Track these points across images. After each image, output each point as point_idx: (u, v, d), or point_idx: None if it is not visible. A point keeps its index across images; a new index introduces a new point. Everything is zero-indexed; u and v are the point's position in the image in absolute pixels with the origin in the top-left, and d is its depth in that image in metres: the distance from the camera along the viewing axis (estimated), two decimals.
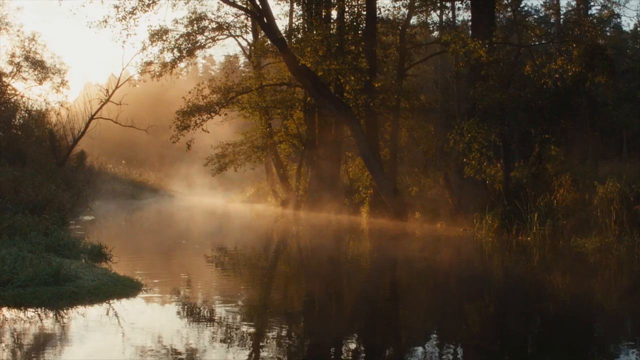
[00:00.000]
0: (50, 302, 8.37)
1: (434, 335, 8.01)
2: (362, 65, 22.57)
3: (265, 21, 23.49)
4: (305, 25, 24.75)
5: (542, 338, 7.84)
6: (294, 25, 24.07)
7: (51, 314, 8.06)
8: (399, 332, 8.22)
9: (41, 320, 7.80)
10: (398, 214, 23.32)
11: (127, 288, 9.29)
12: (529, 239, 17.25)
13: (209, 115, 26.43)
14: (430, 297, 10.50)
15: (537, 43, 22.60)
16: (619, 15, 44.29)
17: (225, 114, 27.61)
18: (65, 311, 8.20)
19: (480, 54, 18.27)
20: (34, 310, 8.12)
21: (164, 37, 29.79)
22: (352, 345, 7.40)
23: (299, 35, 23.62)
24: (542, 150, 20.11)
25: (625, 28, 50.20)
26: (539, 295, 10.61)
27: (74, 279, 9.35)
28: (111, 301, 8.72)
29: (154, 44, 28.99)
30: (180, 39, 30.06)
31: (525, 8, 43.82)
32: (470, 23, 22.72)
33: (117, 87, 38.05)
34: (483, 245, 17.19)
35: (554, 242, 16.36)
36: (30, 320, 7.74)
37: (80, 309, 8.33)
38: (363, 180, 25.63)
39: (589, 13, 36.52)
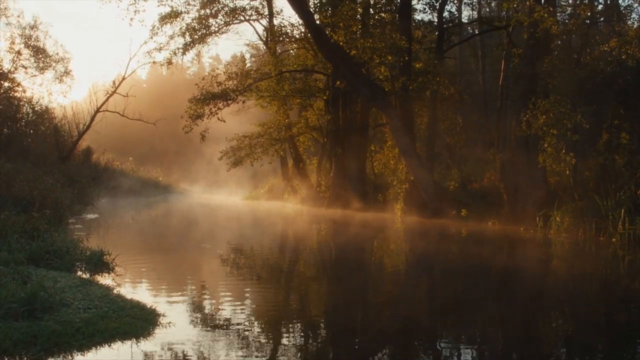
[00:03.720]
0: (15, 351, 5.07)
1: None
2: (401, 43, 19.15)
3: None
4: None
5: None
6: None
7: None
8: None
9: None
10: (439, 211, 20.00)
11: (137, 321, 5.97)
12: (613, 240, 13.95)
13: (225, 103, 23.10)
14: (560, 325, 7.18)
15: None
16: None
17: (244, 102, 24.24)
18: None
19: (550, 24, 14.91)
20: None
21: (175, 21, 26.41)
22: None
23: (329, 12, 20.17)
24: (612, 138, 16.82)
25: None
26: None
27: (59, 308, 6.05)
28: (113, 347, 5.41)
29: (165, 26, 25.57)
30: (193, 22, 26.68)
31: None
32: None
33: (124, 79, 34.81)
34: (560, 248, 13.84)
35: None
36: None
37: None
38: (397, 174, 22.26)
39: None
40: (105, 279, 8.63)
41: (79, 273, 9.05)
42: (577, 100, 14.15)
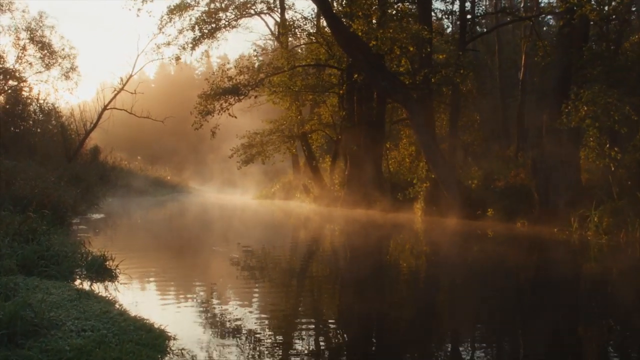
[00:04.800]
0: None
1: None
2: (423, 33, 17.89)
3: None
4: None
5: None
6: None
7: None
8: None
9: None
10: (462, 211, 18.74)
11: (142, 349, 4.79)
12: None
13: (236, 98, 21.93)
14: None
15: None
16: None
17: (256, 97, 23.06)
18: None
19: (589, 9, 13.63)
20: None
21: (184, 14, 25.28)
22: None
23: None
24: None
25: None
26: None
27: (47, 331, 4.89)
28: None
29: (174, 19, 24.43)
30: (202, 15, 25.54)
31: None
32: None
33: (131, 75, 33.75)
34: (601, 251, 12.58)
35: None
36: None
37: None
38: (418, 172, 21.02)
39: None
40: (106, 290, 7.48)
41: (78, 281, 7.91)
42: (621, 90, 12.86)
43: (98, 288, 7.53)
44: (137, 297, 7.26)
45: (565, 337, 6.30)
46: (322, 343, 5.70)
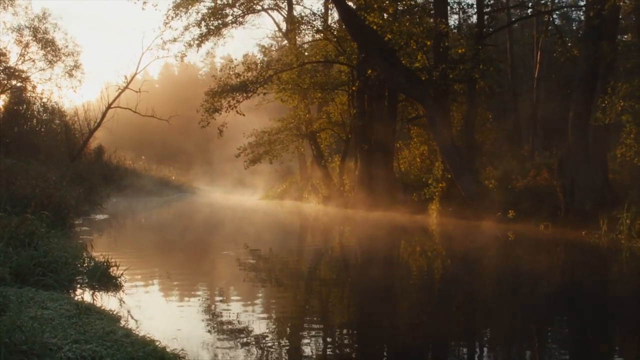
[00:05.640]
0: None
1: None
2: (441, 26, 17.00)
3: None
4: None
5: None
6: None
7: None
8: None
9: None
10: (481, 213, 17.85)
11: None
12: None
13: (244, 96, 21.08)
14: None
15: None
16: None
17: (265, 93, 22.20)
18: None
19: None
20: None
21: (190, 8, 24.42)
22: None
23: None
24: None
25: None
26: None
27: (39, 359, 4.02)
28: None
29: (180, 14, 23.59)
30: (209, 11, 24.68)
31: None
32: None
33: (136, 73, 32.96)
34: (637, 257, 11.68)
35: None
36: None
37: None
38: (433, 171, 20.13)
39: None
40: (110, 301, 6.62)
41: (78, 291, 7.07)
42: None
43: (101, 300, 6.68)
44: (145, 311, 6.38)
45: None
46: None
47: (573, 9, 25.66)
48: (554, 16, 20.40)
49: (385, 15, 17.71)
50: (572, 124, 15.56)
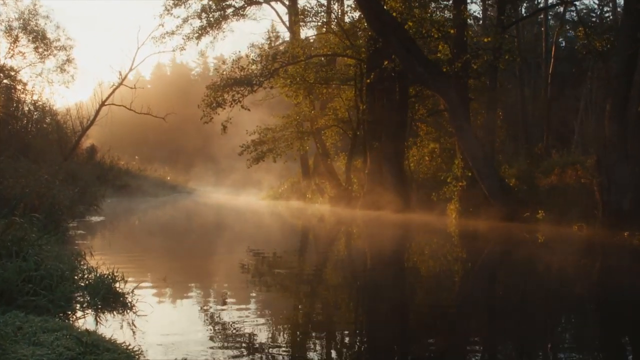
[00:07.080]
0: None
1: None
2: (465, 14, 15.67)
3: None
4: None
5: None
6: None
7: None
8: None
9: None
10: (505, 213, 16.55)
11: None
12: None
13: (249, 89, 19.65)
14: None
15: None
16: None
17: (271, 87, 20.79)
18: None
19: None
20: None
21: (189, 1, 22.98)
22: None
23: None
24: None
25: None
26: None
27: None
28: None
29: (180, 3, 22.11)
30: (210, 2, 23.24)
31: None
32: None
33: (131, 69, 31.32)
34: None
35: None
36: None
37: None
38: (453, 169, 18.80)
39: None
40: (121, 329, 5.16)
41: (79, 314, 5.60)
42: None
43: (108, 327, 5.21)
44: (162, 339, 4.92)
45: None
46: None
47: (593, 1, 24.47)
48: (576, 7, 19.25)
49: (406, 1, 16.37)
50: (610, 117, 14.30)
